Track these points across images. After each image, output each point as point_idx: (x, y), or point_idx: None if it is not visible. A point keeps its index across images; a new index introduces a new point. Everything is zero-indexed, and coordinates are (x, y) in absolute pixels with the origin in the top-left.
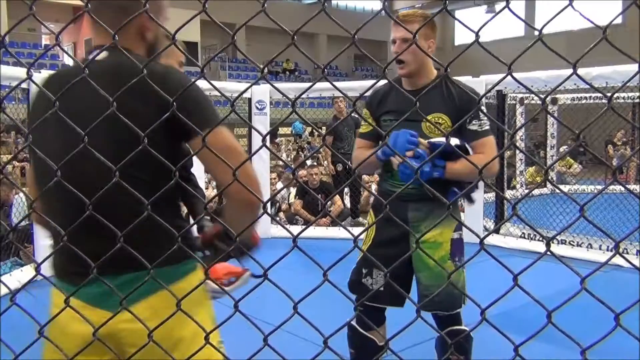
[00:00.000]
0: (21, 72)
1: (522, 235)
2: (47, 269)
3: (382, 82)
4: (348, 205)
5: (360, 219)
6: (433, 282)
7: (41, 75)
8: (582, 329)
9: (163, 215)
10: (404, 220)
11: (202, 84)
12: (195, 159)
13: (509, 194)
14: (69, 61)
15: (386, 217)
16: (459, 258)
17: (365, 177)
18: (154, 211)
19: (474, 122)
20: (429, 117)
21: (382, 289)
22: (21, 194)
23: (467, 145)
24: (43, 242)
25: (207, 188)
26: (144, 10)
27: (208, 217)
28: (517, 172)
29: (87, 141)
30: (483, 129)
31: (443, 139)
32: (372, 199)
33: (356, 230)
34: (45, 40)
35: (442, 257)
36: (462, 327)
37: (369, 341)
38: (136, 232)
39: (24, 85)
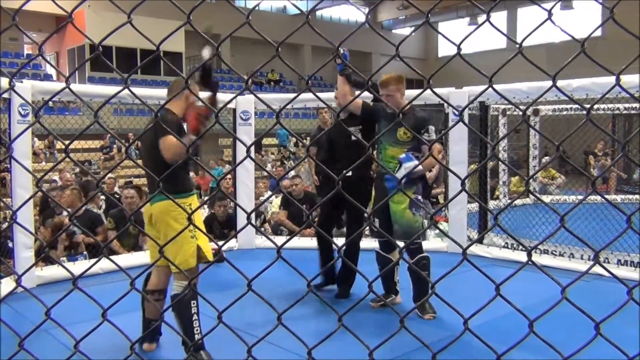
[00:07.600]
0: (3, 81)
1: (505, 245)
2: (27, 281)
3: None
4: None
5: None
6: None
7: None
8: (564, 338)
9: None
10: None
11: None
12: None
13: (492, 204)
14: (51, 71)
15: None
16: (415, 209)
17: None
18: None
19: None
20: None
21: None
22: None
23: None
24: (23, 255)
25: None
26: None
27: None
28: (501, 182)
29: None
30: None
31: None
32: None
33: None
34: (27, 49)
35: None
36: (423, 254)
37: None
38: None
39: (5, 95)
